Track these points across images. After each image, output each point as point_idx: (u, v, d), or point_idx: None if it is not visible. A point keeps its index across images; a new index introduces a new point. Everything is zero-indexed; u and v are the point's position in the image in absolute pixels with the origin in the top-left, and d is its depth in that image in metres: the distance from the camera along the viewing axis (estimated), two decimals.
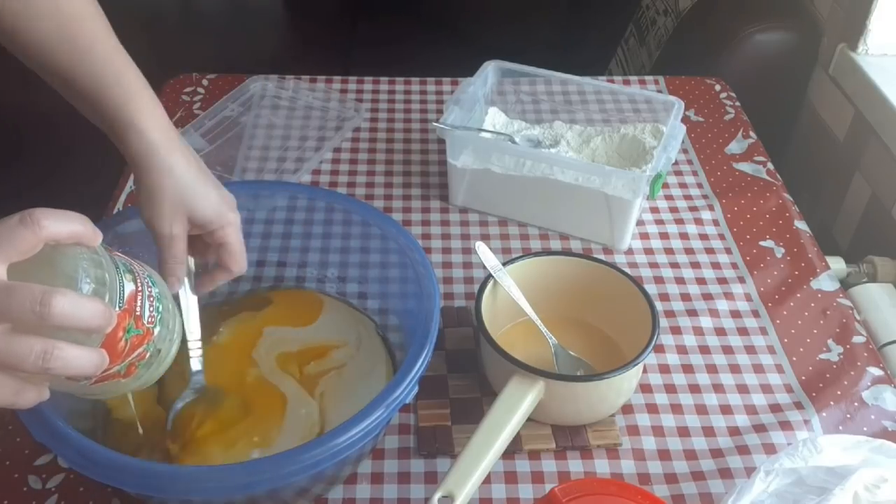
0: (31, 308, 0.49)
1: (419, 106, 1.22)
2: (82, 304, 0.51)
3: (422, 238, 0.98)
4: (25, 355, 0.50)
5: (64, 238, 0.53)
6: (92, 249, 0.56)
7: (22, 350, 0.50)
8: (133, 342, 0.57)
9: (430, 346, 0.67)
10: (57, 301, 0.49)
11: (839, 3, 1.28)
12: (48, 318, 0.49)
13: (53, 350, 0.50)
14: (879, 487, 0.61)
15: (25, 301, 0.49)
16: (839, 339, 0.88)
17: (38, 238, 0.51)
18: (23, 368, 0.50)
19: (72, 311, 0.50)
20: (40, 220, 0.51)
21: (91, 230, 0.55)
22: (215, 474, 0.61)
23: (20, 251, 0.51)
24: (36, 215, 0.51)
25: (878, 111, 1.16)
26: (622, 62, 1.72)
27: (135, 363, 0.58)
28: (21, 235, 0.51)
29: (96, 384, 0.58)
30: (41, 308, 0.49)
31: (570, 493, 0.60)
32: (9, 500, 0.72)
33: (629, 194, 0.93)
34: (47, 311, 0.49)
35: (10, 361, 0.50)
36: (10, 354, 0.50)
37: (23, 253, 0.51)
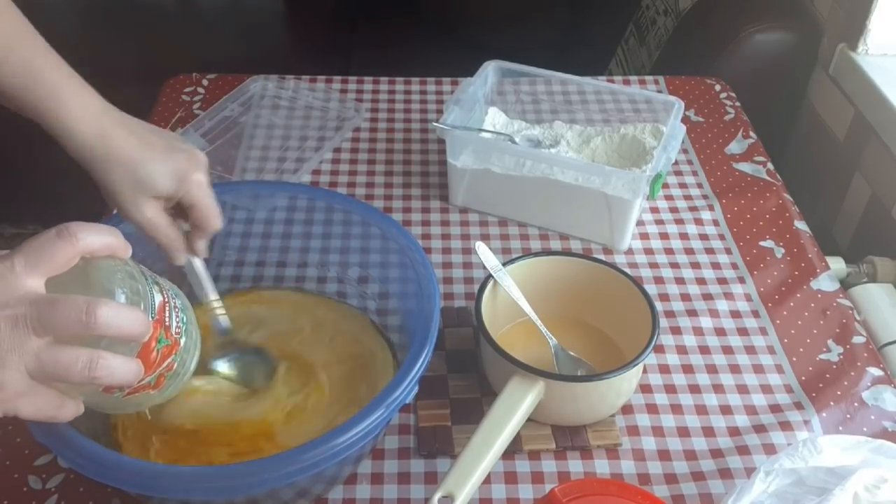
0: (77, 318, 0.50)
1: (419, 106, 1.22)
2: (124, 313, 0.52)
3: (422, 238, 0.98)
4: (72, 365, 0.51)
5: (98, 250, 0.54)
6: (123, 261, 0.57)
7: (69, 360, 0.51)
8: (163, 353, 0.57)
9: (430, 346, 0.67)
10: (101, 310, 0.51)
11: (839, 3, 1.28)
12: (94, 328, 0.51)
13: (99, 359, 0.52)
14: (879, 488, 0.61)
15: (71, 312, 0.50)
16: (839, 340, 0.88)
17: (75, 251, 0.53)
18: (69, 379, 0.51)
19: (115, 320, 0.51)
20: (76, 232, 0.52)
21: (123, 242, 0.56)
22: (215, 474, 0.61)
23: (58, 265, 0.52)
24: (72, 228, 0.52)
25: (878, 111, 1.16)
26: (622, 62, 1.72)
27: (164, 374, 0.59)
28: (59, 249, 0.52)
29: (129, 396, 0.58)
30: (87, 318, 0.50)
31: (570, 494, 0.60)
32: (9, 500, 0.72)
33: (629, 194, 0.93)
34: (93, 320, 0.50)
35: (57, 372, 0.51)
36: (58, 365, 0.51)
37: (60, 266, 0.52)
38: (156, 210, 0.68)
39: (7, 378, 0.50)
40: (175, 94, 1.21)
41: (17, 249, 0.52)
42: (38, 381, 0.51)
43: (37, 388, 0.51)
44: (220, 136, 1.12)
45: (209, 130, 1.12)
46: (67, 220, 0.54)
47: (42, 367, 0.50)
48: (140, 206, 0.68)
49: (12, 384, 0.50)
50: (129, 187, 0.67)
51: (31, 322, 0.50)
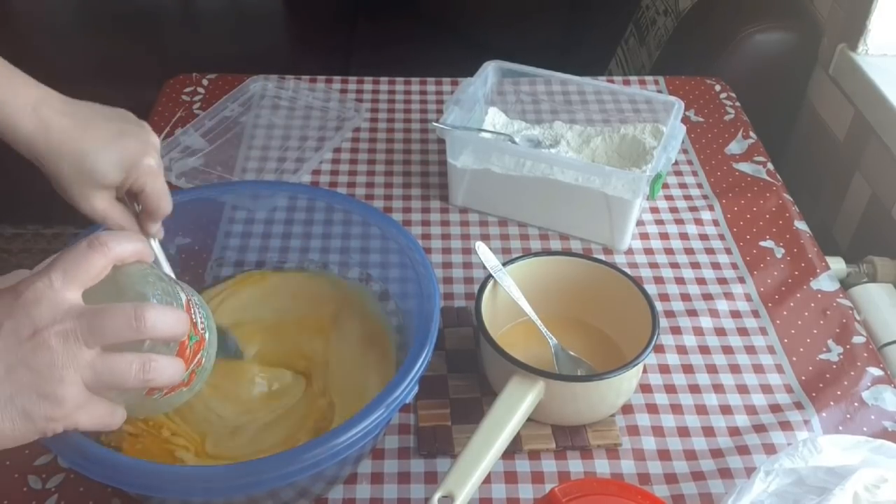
0: (127, 324, 0.51)
1: (419, 106, 1.22)
2: (168, 314, 0.54)
3: (422, 238, 0.98)
4: (127, 371, 0.52)
5: (129, 256, 0.55)
6: (149, 265, 0.58)
7: (123, 366, 0.52)
8: (194, 349, 0.58)
9: (430, 346, 0.67)
10: (149, 314, 0.52)
11: (839, 3, 1.28)
12: (144, 332, 0.52)
13: (151, 362, 0.53)
14: (879, 487, 0.61)
15: (120, 319, 0.51)
16: (839, 340, 0.88)
17: (108, 260, 0.54)
18: (125, 385, 0.52)
19: (161, 321, 0.53)
20: (107, 242, 0.54)
21: (148, 246, 0.58)
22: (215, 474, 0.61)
23: (93, 275, 0.53)
24: (103, 238, 0.54)
25: (878, 111, 1.16)
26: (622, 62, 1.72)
27: (195, 370, 0.59)
28: (92, 260, 0.53)
29: (167, 396, 0.58)
30: (136, 323, 0.51)
31: (570, 493, 0.60)
32: (9, 500, 0.72)
33: (629, 194, 0.93)
34: (143, 325, 0.51)
35: (113, 380, 0.52)
36: (114, 373, 0.52)
37: (95, 277, 0.53)
38: (106, 200, 0.67)
39: (67, 392, 0.50)
40: (175, 94, 1.21)
41: (51, 265, 0.52)
42: (94, 392, 0.52)
43: (92, 399, 0.52)
44: (220, 136, 1.12)
45: (209, 130, 1.12)
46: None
47: (98, 376, 0.51)
48: (89, 199, 0.67)
49: (72, 398, 0.51)
50: (76, 180, 0.66)
51: (81, 335, 0.50)
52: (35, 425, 0.51)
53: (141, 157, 0.67)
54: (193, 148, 1.09)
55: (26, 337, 0.50)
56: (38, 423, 0.51)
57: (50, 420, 0.51)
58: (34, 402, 0.50)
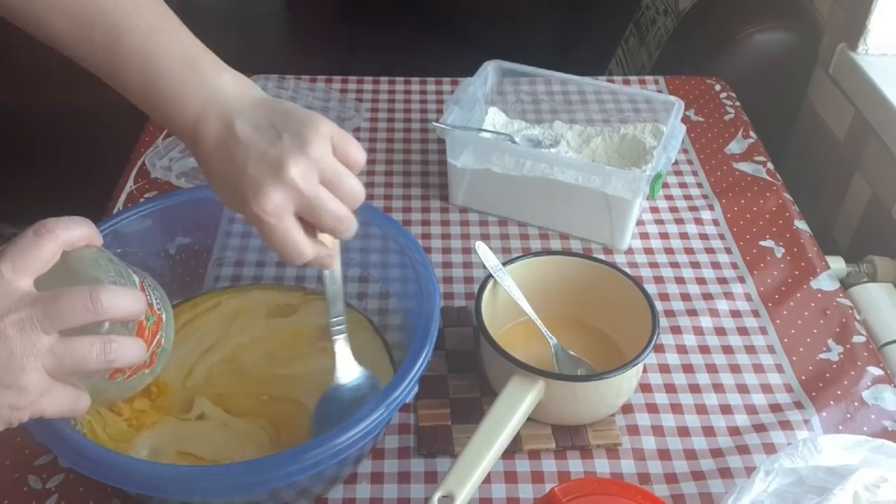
0: (83, 307, 0.51)
1: (419, 106, 1.22)
2: (123, 295, 0.53)
3: (422, 238, 0.98)
4: (88, 353, 0.52)
5: (77, 240, 0.55)
6: (98, 248, 0.57)
7: (83, 349, 0.52)
8: (152, 329, 0.58)
9: (430, 346, 0.67)
10: (104, 295, 0.52)
11: (839, 3, 1.28)
12: (101, 313, 0.52)
13: (111, 343, 0.53)
14: (879, 487, 0.61)
15: (76, 302, 0.51)
16: (839, 339, 0.88)
17: (56, 245, 0.53)
18: (87, 367, 0.52)
19: (117, 302, 0.53)
20: (54, 228, 0.53)
21: (96, 230, 0.57)
22: (215, 474, 0.61)
23: (43, 262, 0.53)
24: (49, 225, 0.53)
25: (878, 111, 1.16)
26: (622, 62, 1.72)
27: (155, 351, 0.59)
28: (41, 247, 0.53)
29: (129, 379, 0.58)
30: (93, 305, 0.51)
31: (570, 493, 0.60)
32: (9, 500, 0.72)
33: (629, 194, 0.93)
34: (99, 306, 0.51)
35: (74, 364, 0.52)
36: (75, 356, 0.52)
37: (46, 264, 0.53)
38: None
39: (28, 381, 0.50)
40: None
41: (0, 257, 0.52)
42: (56, 378, 0.52)
43: (55, 385, 0.52)
44: None
45: None
46: None
47: (59, 362, 0.51)
48: None
49: (34, 385, 0.51)
50: None
51: (38, 321, 0.50)
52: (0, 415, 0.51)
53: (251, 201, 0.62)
54: None
55: None
56: (2, 413, 0.51)
57: (14, 409, 0.51)
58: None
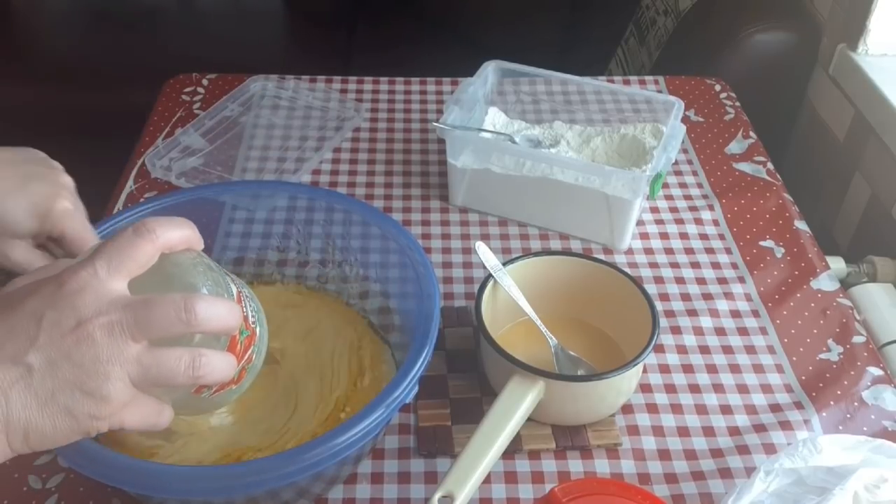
0: (176, 317, 0.48)
1: (419, 106, 1.22)
2: (219, 306, 0.50)
3: (422, 238, 0.98)
4: (176, 366, 0.49)
5: (177, 244, 0.52)
6: (199, 253, 0.54)
7: (172, 362, 0.49)
8: (245, 344, 0.55)
9: (430, 346, 0.67)
10: (199, 306, 0.49)
11: (839, 3, 1.28)
12: (195, 325, 0.49)
13: (201, 357, 0.50)
14: (879, 487, 0.61)
15: (170, 311, 0.48)
16: (839, 339, 0.88)
17: (155, 247, 0.50)
18: (174, 381, 0.49)
19: (212, 313, 0.49)
20: (155, 228, 0.50)
21: (198, 234, 0.54)
22: (215, 474, 0.61)
23: (140, 264, 0.50)
24: (150, 224, 0.50)
25: (878, 111, 1.16)
26: (622, 62, 1.72)
27: (245, 367, 0.56)
28: (139, 247, 0.50)
29: (216, 394, 0.55)
30: (186, 315, 0.48)
31: (570, 493, 0.60)
32: (9, 500, 0.72)
33: (629, 194, 0.93)
34: (193, 317, 0.48)
35: (160, 376, 0.49)
36: (161, 368, 0.49)
37: (143, 266, 0.50)
38: (24, 249, 0.62)
39: (112, 389, 0.47)
40: (175, 94, 1.21)
41: (95, 253, 0.49)
42: (140, 389, 0.49)
43: (138, 396, 0.49)
44: (220, 136, 1.12)
45: (209, 130, 1.12)
46: None
47: (145, 372, 0.48)
48: (5, 250, 0.62)
49: (118, 395, 0.48)
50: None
51: (127, 327, 0.47)
52: (78, 424, 0.48)
53: (53, 201, 0.62)
54: (193, 148, 1.09)
55: (69, 329, 0.47)
56: (81, 422, 0.48)
57: (94, 418, 0.48)
58: (77, 400, 0.47)
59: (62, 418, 0.47)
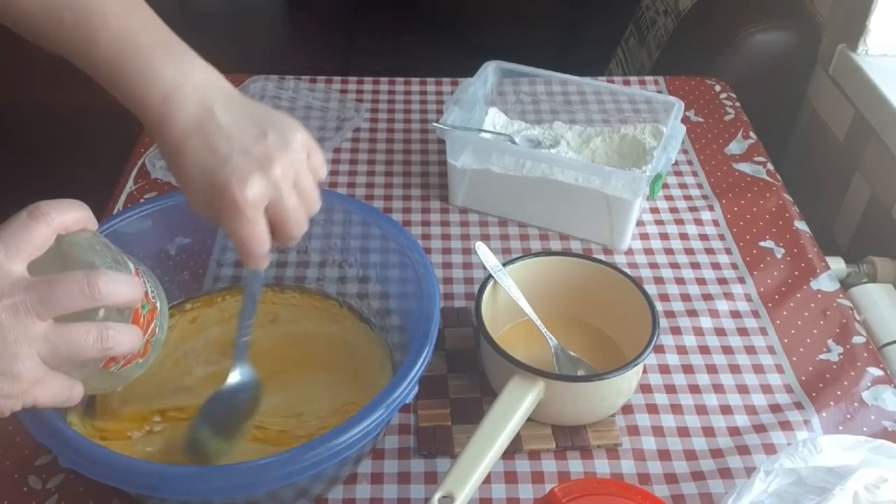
0: (80, 292, 0.49)
1: (419, 106, 1.22)
2: (121, 280, 0.52)
3: (422, 238, 0.98)
4: (84, 340, 0.50)
5: (72, 224, 0.53)
6: (94, 233, 0.56)
7: (79, 336, 0.50)
8: (148, 318, 0.57)
9: (430, 346, 0.67)
10: (101, 281, 0.50)
11: (839, 4, 1.28)
12: (99, 299, 0.50)
13: (108, 330, 0.51)
14: (879, 487, 0.61)
15: (73, 288, 0.49)
16: (839, 340, 0.88)
17: (51, 229, 0.52)
18: (83, 355, 0.51)
19: (114, 287, 0.51)
20: (49, 211, 0.52)
21: (91, 214, 0.55)
22: (215, 474, 0.61)
23: (37, 246, 0.51)
24: (43, 208, 0.52)
25: (878, 111, 1.16)
26: (622, 62, 1.72)
27: (149, 340, 0.58)
28: (35, 230, 0.51)
29: (124, 368, 0.57)
30: (90, 290, 0.50)
31: (570, 493, 0.60)
32: (9, 500, 0.72)
33: (629, 194, 0.93)
34: (96, 291, 0.50)
35: (69, 351, 0.50)
36: (70, 344, 0.50)
37: (40, 247, 0.51)
38: None
39: (23, 368, 0.49)
40: None
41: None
42: (51, 366, 0.50)
43: (49, 374, 0.51)
44: None
45: None
46: None
47: (54, 349, 0.50)
48: None
49: (29, 373, 0.49)
50: None
51: (32, 307, 0.49)
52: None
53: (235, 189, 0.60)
54: None
55: None
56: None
57: (6, 397, 0.49)
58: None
59: None
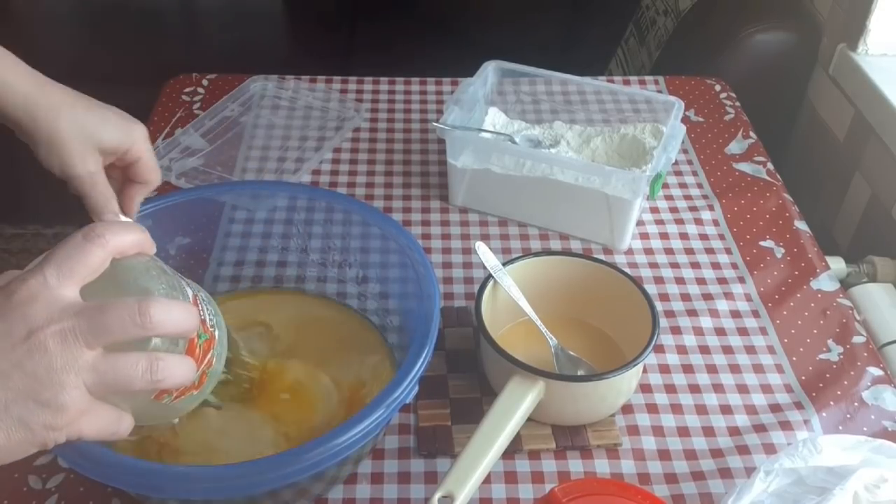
0: (131, 321, 0.47)
1: (419, 106, 1.22)
2: (175, 309, 0.49)
3: (422, 238, 0.98)
4: (133, 371, 0.48)
5: (128, 249, 0.51)
6: (151, 257, 0.54)
7: (128, 368, 0.48)
8: (204, 348, 0.54)
9: (430, 346, 0.67)
10: (154, 309, 0.48)
11: (839, 3, 1.28)
12: (150, 328, 0.48)
13: (158, 362, 0.48)
14: (879, 487, 0.61)
15: (124, 315, 0.47)
16: (839, 339, 0.88)
17: (106, 252, 0.49)
18: (131, 387, 0.48)
19: (168, 316, 0.48)
20: (104, 233, 0.49)
21: (150, 238, 0.53)
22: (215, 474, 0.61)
23: (91, 269, 0.49)
24: (99, 229, 0.49)
25: (878, 111, 1.16)
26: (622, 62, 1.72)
27: (205, 371, 0.55)
28: (90, 253, 0.49)
29: (177, 399, 0.54)
30: (141, 319, 0.47)
31: (570, 493, 0.60)
32: (9, 500, 0.72)
33: (629, 194, 0.93)
34: (148, 321, 0.47)
35: (117, 382, 0.48)
36: (118, 374, 0.47)
37: (94, 271, 0.49)
38: (97, 164, 0.67)
39: (69, 399, 0.46)
40: (175, 94, 1.21)
41: (44, 261, 0.48)
42: (97, 397, 0.48)
43: (96, 405, 0.48)
44: (220, 136, 1.12)
45: (209, 130, 1.12)
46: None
47: (102, 379, 0.47)
48: (84, 159, 0.66)
49: (75, 404, 0.46)
50: (75, 137, 0.65)
51: (80, 334, 0.46)
52: (34, 436, 0.46)
53: (132, 122, 0.69)
54: (193, 148, 1.09)
55: (21, 339, 0.45)
56: (37, 434, 0.46)
57: (50, 429, 0.46)
58: (32, 411, 0.45)
59: (16, 430, 0.46)
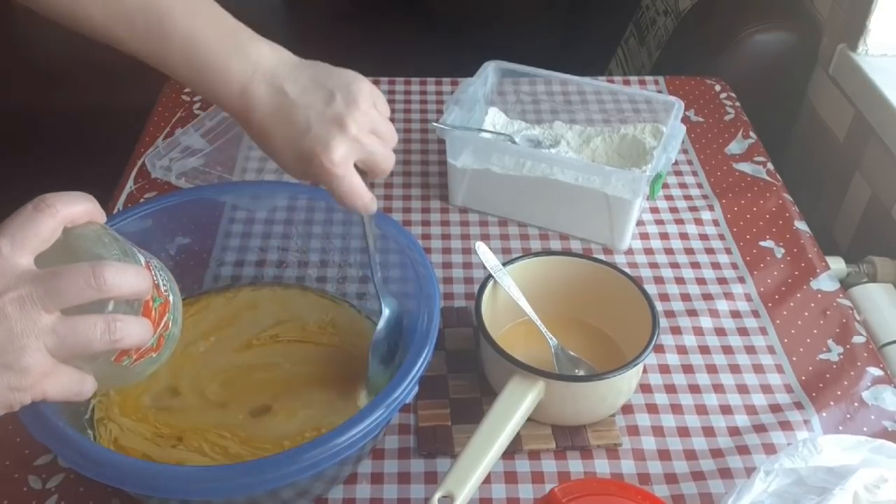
0: (85, 284, 0.49)
1: (419, 106, 1.22)
2: (128, 272, 0.51)
3: (422, 238, 0.98)
4: (91, 332, 0.50)
5: (78, 217, 0.53)
6: (102, 226, 0.55)
7: (87, 328, 0.50)
8: (159, 311, 0.56)
9: (430, 346, 0.67)
10: (108, 272, 0.50)
11: (839, 4, 1.28)
12: (105, 290, 0.50)
13: (115, 322, 0.51)
14: (879, 487, 0.61)
15: (79, 279, 0.49)
16: (839, 339, 0.88)
17: (57, 221, 0.51)
18: (91, 348, 0.50)
19: (122, 278, 0.51)
20: (55, 203, 0.51)
21: (99, 207, 0.55)
22: (215, 474, 0.61)
23: (43, 238, 0.51)
24: (49, 200, 0.51)
25: (878, 111, 1.16)
26: (622, 62, 1.72)
27: (163, 334, 0.57)
28: (41, 222, 0.51)
29: (137, 362, 0.56)
30: (96, 281, 0.49)
31: (570, 493, 0.60)
32: (9, 500, 0.72)
33: (629, 194, 0.93)
34: (102, 283, 0.49)
35: (77, 343, 0.50)
36: (77, 335, 0.50)
37: (46, 240, 0.51)
38: None
39: (31, 361, 0.48)
40: (175, 95, 1.21)
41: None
42: (59, 359, 0.50)
43: (58, 367, 0.50)
44: (220, 136, 1.12)
45: (209, 130, 1.12)
46: None
47: (62, 341, 0.49)
48: None
49: (37, 366, 0.49)
50: None
51: (38, 299, 0.48)
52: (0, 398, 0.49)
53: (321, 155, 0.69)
54: (193, 148, 1.09)
55: None
56: (2, 395, 0.49)
57: (15, 390, 0.49)
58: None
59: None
